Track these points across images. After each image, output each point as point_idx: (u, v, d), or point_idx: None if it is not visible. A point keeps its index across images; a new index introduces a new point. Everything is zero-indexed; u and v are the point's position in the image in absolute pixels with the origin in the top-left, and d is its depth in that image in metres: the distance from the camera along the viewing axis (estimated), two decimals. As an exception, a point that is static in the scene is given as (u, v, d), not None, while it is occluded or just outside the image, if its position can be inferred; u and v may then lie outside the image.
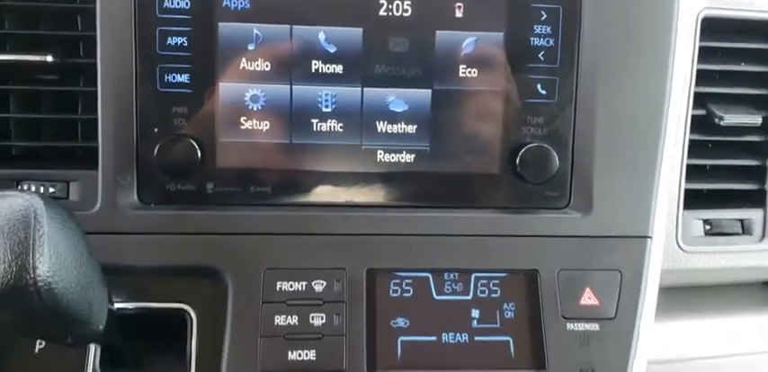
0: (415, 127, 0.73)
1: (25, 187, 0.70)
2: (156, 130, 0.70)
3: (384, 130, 0.72)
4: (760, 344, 0.79)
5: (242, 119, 0.71)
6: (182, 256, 0.69)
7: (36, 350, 0.68)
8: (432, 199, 0.73)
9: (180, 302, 0.69)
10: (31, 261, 0.51)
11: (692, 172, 0.80)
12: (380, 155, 0.73)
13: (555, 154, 0.72)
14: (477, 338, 0.70)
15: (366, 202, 0.73)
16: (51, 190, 0.70)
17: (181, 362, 0.69)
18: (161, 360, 0.71)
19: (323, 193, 0.73)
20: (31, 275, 0.51)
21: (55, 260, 0.53)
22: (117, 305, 0.67)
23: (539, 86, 0.73)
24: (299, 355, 0.67)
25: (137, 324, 0.69)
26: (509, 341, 0.70)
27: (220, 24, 0.69)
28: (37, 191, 0.68)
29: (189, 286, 0.69)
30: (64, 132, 0.74)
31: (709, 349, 0.78)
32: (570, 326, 0.70)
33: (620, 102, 0.72)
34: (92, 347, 0.67)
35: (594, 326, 0.70)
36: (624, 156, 0.73)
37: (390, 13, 0.71)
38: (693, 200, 0.80)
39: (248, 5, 0.69)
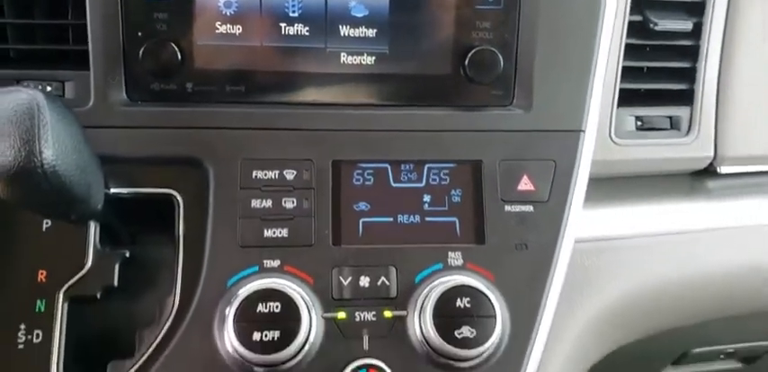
0: (375, 31, 0.80)
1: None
2: (139, 34, 0.77)
3: (347, 34, 0.80)
4: (679, 226, 0.90)
5: (216, 24, 0.78)
6: (167, 147, 0.78)
7: (43, 229, 0.78)
8: (390, 98, 0.82)
9: (168, 188, 0.79)
10: (37, 147, 0.60)
11: (629, 73, 0.88)
12: (344, 58, 0.80)
13: (500, 56, 0.80)
14: (427, 219, 0.80)
15: (331, 101, 0.81)
16: (48, 88, 0.78)
17: (170, 241, 0.79)
18: (153, 240, 0.81)
19: (292, 92, 0.81)
20: (38, 159, 0.60)
21: (57, 146, 0.62)
22: (112, 190, 0.76)
23: (486, -7, 0.80)
24: (274, 232, 0.77)
25: (131, 209, 0.79)
26: (455, 222, 0.80)
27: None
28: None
29: (175, 174, 0.78)
30: (57, 36, 0.81)
31: (632, 230, 0.89)
32: (508, 208, 0.80)
33: (560, 8, 0.80)
34: (92, 224, 0.77)
35: (529, 208, 0.80)
36: (562, 59, 0.81)
37: None
38: (628, 99, 0.88)
39: None
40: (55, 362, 0.74)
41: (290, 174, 0.79)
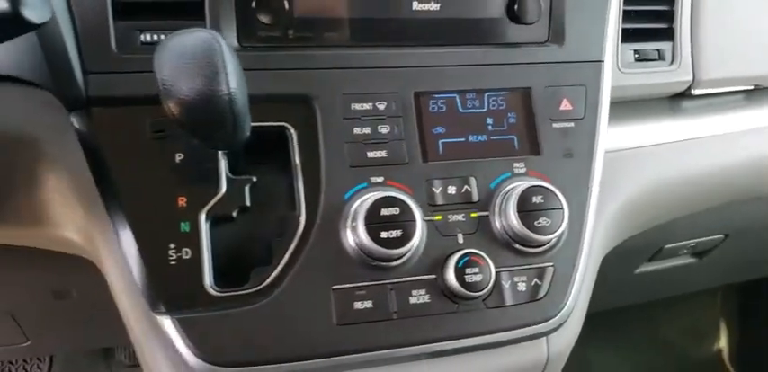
0: None
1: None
2: None
3: (417, -14, 0.96)
4: (667, 138, 1.13)
5: (313, -22, 0.91)
6: (280, 87, 0.89)
7: (177, 161, 0.87)
8: (454, 38, 0.98)
9: (282, 121, 0.91)
10: (224, 76, 0.71)
11: (624, 16, 1.09)
12: (415, 5, 0.96)
13: (541, 2, 0.99)
14: (491, 137, 0.97)
15: (407, 42, 0.96)
16: (170, 37, 0.88)
17: (284, 169, 0.91)
18: (268, 168, 0.92)
19: (375, 36, 0.95)
20: (226, 86, 0.72)
21: (236, 78, 0.73)
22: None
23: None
24: (375, 154, 0.91)
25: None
26: (514, 138, 0.98)
27: None
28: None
29: (285, 110, 0.90)
30: None
31: (632, 143, 1.11)
32: (555, 125, 0.99)
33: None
34: (220, 156, 0.88)
35: (571, 124, 0.99)
36: (586, 4, 1.01)
37: None
38: (625, 37, 1.10)
39: None
40: (207, 273, 0.85)
41: (381, 105, 0.93)
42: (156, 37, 0.88)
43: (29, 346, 1.34)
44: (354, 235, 0.87)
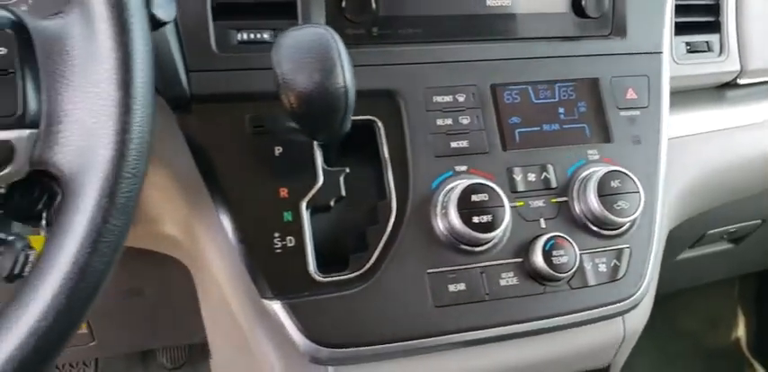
0: None
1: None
2: None
3: (490, -17, 1.01)
4: (715, 126, 1.19)
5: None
6: (368, 82, 0.92)
7: (276, 154, 0.91)
8: (527, 33, 1.03)
9: (370, 115, 0.95)
10: (340, 70, 0.76)
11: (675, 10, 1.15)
12: (488, 1, 1.01)
13: None
14: (564, 126, 1.02)
15: (482, 37, 1.01)
16: (266, 36, 0.92)
17: (371, 160, 0.95)
18: (356, 160, 0.96)
19: (454, 32, 1.00)
20: (342, 79, 0.76)
21: (350, 72, 0.77)
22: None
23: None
24: (458, 144, 0.96)
25: None
26: (585, 127, 1.03)
27: None
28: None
29: (372, 104, 0.94)
30: None
31: (683, 131, 1.16)
32: (622, 113, 1.04)
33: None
34: (316, 149, 0.92)
35: (637, 112, 1.05)
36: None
37: None
38: (676, 29, 1.15)
39: None
40: (310, 260, 0.88)
41: (461, 97, 0.98)
42: (251, 36, 0.92)
43: (94, 346, 1.37)
44: (445, 221, 0.91)
